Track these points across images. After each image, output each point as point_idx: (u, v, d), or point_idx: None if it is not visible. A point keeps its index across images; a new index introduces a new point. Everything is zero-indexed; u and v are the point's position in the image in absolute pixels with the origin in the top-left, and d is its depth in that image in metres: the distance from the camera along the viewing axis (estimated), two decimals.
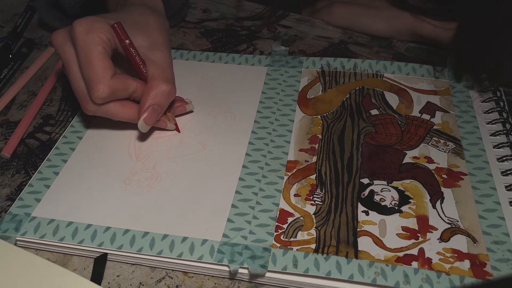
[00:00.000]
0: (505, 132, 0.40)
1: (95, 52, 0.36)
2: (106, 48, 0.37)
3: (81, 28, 0.36)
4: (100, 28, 0.37)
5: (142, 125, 0.38)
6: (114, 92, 0.37)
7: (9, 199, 0.38)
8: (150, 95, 0.38)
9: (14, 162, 0.42)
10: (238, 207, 0.36)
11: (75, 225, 0.35)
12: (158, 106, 0.38)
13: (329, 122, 0.42)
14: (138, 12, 0.43)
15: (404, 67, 0.48)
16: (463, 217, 0.34)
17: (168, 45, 0.42)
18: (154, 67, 0.39)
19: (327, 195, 0.36)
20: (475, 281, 0.31)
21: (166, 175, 0.39)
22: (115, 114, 0.39)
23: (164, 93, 0.38)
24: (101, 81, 0.36)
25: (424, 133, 0.41)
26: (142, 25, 0.41)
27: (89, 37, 0.36)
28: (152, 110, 0.38)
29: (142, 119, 0.38)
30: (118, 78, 0.37)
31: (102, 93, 0.36)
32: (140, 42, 0.39)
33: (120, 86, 0.37)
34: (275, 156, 0.39)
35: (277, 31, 0.57)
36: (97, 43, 0.36)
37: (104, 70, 0.36)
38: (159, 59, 0.40)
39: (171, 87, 0.39)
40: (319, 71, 0.48)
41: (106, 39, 0.37)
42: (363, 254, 0.32)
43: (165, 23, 0.45)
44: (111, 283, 0.33)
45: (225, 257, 0.32)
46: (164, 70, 0.39)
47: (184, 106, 0.43)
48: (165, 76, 0.39)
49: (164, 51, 0.40)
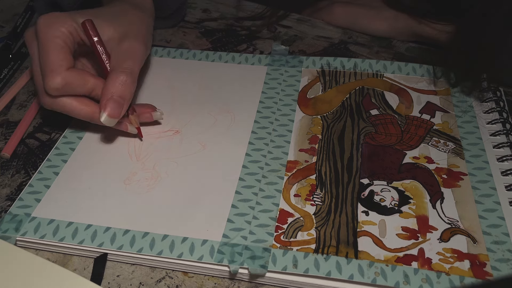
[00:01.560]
0: (505, 132, 0.40)
1: (53, 44, 0.36)
2: (67, 42, 0.37)
3: (43, 22, 0.36)
4: (62, 22, 0.37)
5: (106, 118, 0.37)
6: (68, 84, 0.36)
7: (9, 199, 0.38)
8: (108, 87, 0.37)
9: (14, 162, 0.42)
10: (238, 207, 0.36)
11: (75, 225, 0.35)
12: (119, 96, 0.37)
13: (329, 122, 0.42)
14: (118, 7, 0.42)
15: (404, 67, 0.48)
16: (463, 217, 0.34)
17: (141, 36, 0.41)
18: (115, 59, 0.38)
19: (327, 195, 0.36)
20: (475, 281, 0.31)
21: (166, 175, 0.39)
22: (71, 109, 0.38)
23: (121, 82, 0.37)
24: (54, 70, 0.36)
25: (424, 133, 0.41)
26: (117, 17, 0.41)
27: (48, 30, 0.36)
28: (112, 101, 0.37)
29: (103, 112, 0.37)
30: (75, 71, 0.37)
31: (55, 84, 0.36)
32: (111, 34, 0.39)
33: (76, 79, 0.37)
34: (275, 156, 0.39)
35: (277, 31, 0.56)
36: (56, 36, 0.36)
37: (60, 61, 0.36)
38: (124, 50, 0.39)
39: (127, 77, 0.37)
40: (319, 71, 0.48)
41: (68, 32, 0.37)
42: (363, 254, 0.32)
43: (146, 18, 0.44)
44: (111, 283, 0.33)
45: (225, 257, 0.32)
46: (124, 61, 0.38)
47: (150, 113, 0.42)
48: (124, 66, 0.38)
49: (133, 42, 0.39)
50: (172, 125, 0.43)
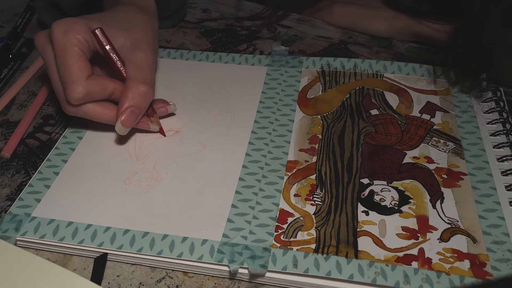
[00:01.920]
0: (505, 132, 0.40)
1: (71, 52, 0.36)
2: (84, 49, 0.37)
3: (59, 29, 0.36)
4: (78, 29, 0.36)
5: (120, 127, 0.38)
6: (90, 93, 0.37)
7: (9, 199, 0.38)
8: (127, 97, 0.37)
9: (14, 162, 0.42)
10: (238, 207, 0.36)
11: (75, 225, 0.35)
12: (136, 107, 0.38)
13: (329, 122, 0.42)
14: (125, 12, 0.42)
15: (404, 67, 0.48)
16: (463, 217, 0.34)
17: (153, 45, 0.41)
18: (132, 67, 0.39)
19: (327, 195, 0.36)
20: (475, 281, 0.31)
21: (166, 175, 0.39)
22: (94, 115, 0.38)
23: (141, 94, 0.38)
24: (75, 81, 0.36)
25: (424, 133, 0.41)
26: (127, 25, 0.41)
27: (66, 38, 0.36)
28: (130, 112, 0.38)
29: (119, 121, 0.37)
30: (95, 79, 0.37)
31: (77, 94, 0.36)
32: (122, 42, 0.39)
33: (97, 87, 0.37)
34: (275, 156, 0.39)
35: (277, 31, 0.57)
36: (74, 44, 0.36)
37: (80, 70, 0.36)
38: (139, 60, 0.39)
39: (147, 88, 0.38)
40: (319, 71, 0.48)
41: (84, 40, 0.37)
42: (363, 254, 0.32)
43: (153, 23, 0.44)
44: (111, 283, 0.33)
45: (225, 257, 0.32)
46: (142, 71, 0.39)
47: (165, 107, 0.43)
48: (143, 77, 0.38)
49: (146, 51, 0.40)
50: (172, 125, 0.43)
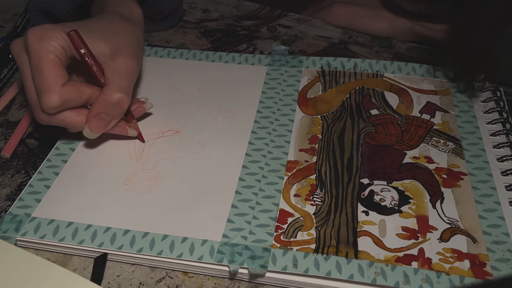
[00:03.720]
0: (505, 132, 0.40)
1: (46, 60, 0.35)
2: (59, 56, 0.36)
3: (33, 36, 0.35)
4: (53, 36, 0.35)
5: (88, 132, 0.37)
6: (66, 100, 0.35)
7: (9, 199, 0.38)
8: (99, 103, 0.37)
9: (14, 162, 0.42)
10: (238, 207, 0.36)
11: (75, 226, 0.35)
12: (106, 114, 0.37)
13: (329, 122, 0.42)
14: (107, 20, 0.41)
15: (404, 67, 0.48)
16: (463, 217, 0.34)
17: (135, 52, 0.40)
18: (109, 74, 0.38)
19: (327, 195, 0.36)
20: (475, 281, 0.31)
21: (166, 175, 0.39)
22: (70, 123, 0.37)
23: (113, 102, 0.37)
24: (51, 89, 0.35)
25: (424, 133, 0.41)
26: (108, 32, 0.39)
27: (40, 45, 0.35)
28: (99, 119, 0.37)
29: (87, 126, 0.37)
30: (70, 85, 0.36)
31: (52, 102, 0.35)
32: (102, 49, 0.38)
33: (73, 94, 0.36)
34: (275, 156, 0.39)
35: (277, 31, 0.56)
36: (49, 51, 0.35)
37: (55, 78, 0.35)
38: (118, 66, 0.38)
39: (121, 97, 0.37)
40: (319, 71, 0.48)
41: (60, 47, 0.36)
42: (363, 254, 0.32)
43: (137, 32, 0.42)
44: (111, 283, 0.33)
45: (225, 257, 0.32)
46: (119, 78, 0.37)
47: (142, 106, 0.42)
48: (118, 85, 0.37)
49: (126, 58, 0.38)
50: (172, 125, 0.43)
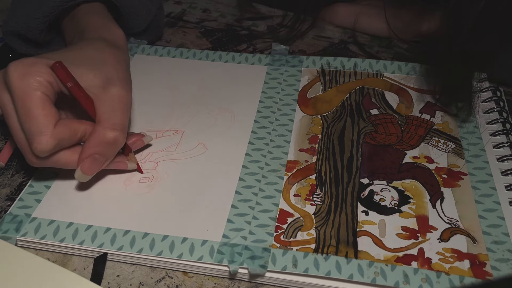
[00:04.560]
0: (505, 132, 0.40)
1: (33, 98, 0.31)
2: (47, 93, 0.32)
3: (16, 73, 0.32)
4: (37, 71, 0.32)
5: (80, 175, 0.34)
6: (59, 142, 0.33)
7: (9, 199, 0.38)
8: (91, 143, 0.34)
9: (14, 162, 0.42)
10: (238, 208, 0.36)
11: (76, 226, 0.35)
12: (100, 155, 0.34)
13: (329, 121, 0.42)
14: (92, 47, 0.38)
15: (404, 66, 0.48)
16: (463, 217, 0.34)
17: (126, 81, 0.37)
18: (102, 109, 0.34)
19: (327, 195, 0.36)
20: (475, 281, 0.31)
21: (166, 175, 0.39)
22: (65, 163, 0.35)
23: (108, 142, 0.34)
24: (42, 131, 0.32)
25: (424, 133, 0.41)
26: (96, 61, 0.36)
27: (25, 83, 0.31)
28: (92, 160, 0.34)
29: (79, 169, 0.34)
30: (63, 124, 0.33)
31: (46, 146, 0.32)
32: (91, 80, 0.35)
33: (67, 133, 0.33)
34: (275, 156, 0.39)
35: (277, 31, 0.56)
36: (35, 88, 0.32)
37: (46, 118, 0.32)
38: (110, 99, 0.35)
39: (116, 135, 0.34)
40: (319, 71, 0.48)
41: (46, 82, 0.32)
42: (362, 254, 0.32)
43: (125, 58, 0.40)
44: (111, 283, 0.33)
45: (225, 258, 0.32)
46: (113, 113, 0.35)
47: (141, 140, 0.39)
48: (112, 122, 0.34)
49: (119, 89, 0.35)
50: (172, 125, 0.43)
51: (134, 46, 0.52)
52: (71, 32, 0.45)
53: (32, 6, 0.45)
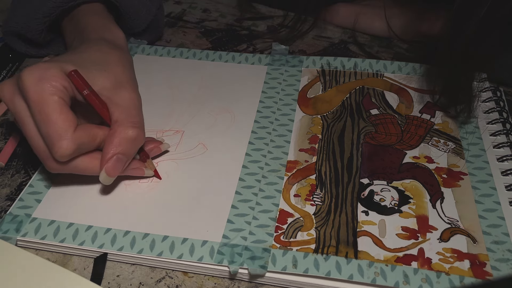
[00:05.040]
0: (505, 132, 0.40)
1: (51, 103, 0.31)
2: (64, 97, 0.32)
3: (31, 78, 0.31)
4: (53, 76, 0.32)
5: (105, 177, 0.34)
6: (80, 146, 0.33)
7: (9, 199, 0.38)
8: (113, 143, 0.34)
9: (14, 162, 0.42)
10: (238, 208, 0.36)
11: (76, 226, 0.35)
12: (123, 155, 0.34)
13: (329, 121, 0.42)
14: (96, 49, 0.38)
15: (405, 66, 0.48)
16: (463, 217, 0.34)
17: (134, 82, 0.38)
18: (118, 110, 0.35)
19: (327, 195, 0.36)
20: (475, 281, 0.31)
21: (166, 175, 0.39)
22: (84, 169, 0.34)
23: (130, 139, 0.34)
24: (63, 136, 0.32)
25: (424, 133, 0.41)
26: (103, 64, 0.37)
27: (41, 88, 0.31)
28: (116, 160, 0.34)
29: (104, 171, 0.34)
30: (82, 129, 0.33)
31: (66, 150, 0.32)
32: (102, 83, 0.35)
33: (86, 138, 0.33)
34: (275, 156, 0.39)
35: (278, 31, 0.56)
36: (52, 93, 0.32)
37: (65, 123, 0.32)
38: (124, 101, 0.35)
39: (137, 132, 0.34)
40: (319, 71, 0.48)
41: (62, 87, 0.32)
42: (362, 254, 0.32)
43: (128, 58, 0.40)
44: (111, 283, 0.33)
45: (225, 258, 0.32)
46: (129, 113, 0.35)
47: (158, 147, 0.39)
48: (131, 120, 0.34)
49: (130, 91, 0.36)
50: (172, 125, 0.43)
51: (134, 46, 0.52)
52: (71, 32, 0.45)
53: (32, 6, 0.45)
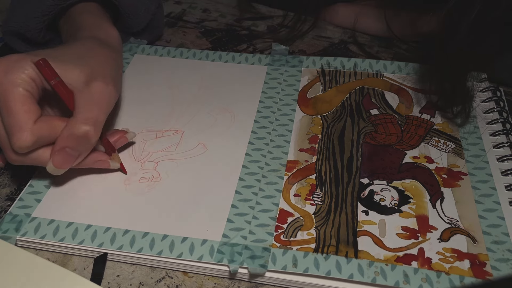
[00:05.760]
0: (505, 132, 0.40)
1: (14, 94, 0.32)
2: (29, 89, 0.32)
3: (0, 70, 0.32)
4: (20, 67, 0.32)
5: (52, 168, 0.33)
6: (39, 138, 0.32)
7: (9, 199, 0.38)
8: (63, 136, 0.33)
9: None
10: (238, 207, 0.36)
11: (75, 226, 0.35)
12: (72, 149, 0.33)
13: (329, 121, 0.42)
14: (81, 45, 0.38)
15: (404, 67, 0.48)
16: (463, 217, 0.34)
17: (111, 78, 0.37)
18: (80, 104, 0.34)
19: (327, 195, 0.36)
20: (475, 281, 0.31)
21: (166, 175, 0.39)
22: (45, 161, 0.34)
23: (78, 135, 0.33)
24: (22, 127, 0.32)
25: (424, 132, 0.41)
26: (82, 58, 0.36)
27: (7, 79, 0.32)
28: (64, 153, 0.33)
29: (50, 161, 0.33)
30: (43, 121, 0.33)
31: (25, 141, 0.32)
32: (75, 76, 0.34)
33: (46, 130, 0.33)
34: (275, 156, 0.39)
35: (278, 31, 0.56)
36: (17, 84, 0.32)
37: (26, 114, 0.32)
38: (90, 94, 0.35)
39: (87, 130, 0.33)
40: (319, 71, 0.48)
41: (29, 78, 0.32)
42: (362, 253, 0.32)
43: (115, 56, 0.40)
44: (111, 283, 0.33)
45: (224, 257, 0.32)
46: (89, 107, 0.34)
47: (124, 137, 0.39)
48: (85, 116, 0.34)
49: (101, 84, 0.35)
50: (172, 125, 0.43)
51: (134, 46, 0.52)
52: (66, 31, 0.45)
53: (31, 6, 0.45)
